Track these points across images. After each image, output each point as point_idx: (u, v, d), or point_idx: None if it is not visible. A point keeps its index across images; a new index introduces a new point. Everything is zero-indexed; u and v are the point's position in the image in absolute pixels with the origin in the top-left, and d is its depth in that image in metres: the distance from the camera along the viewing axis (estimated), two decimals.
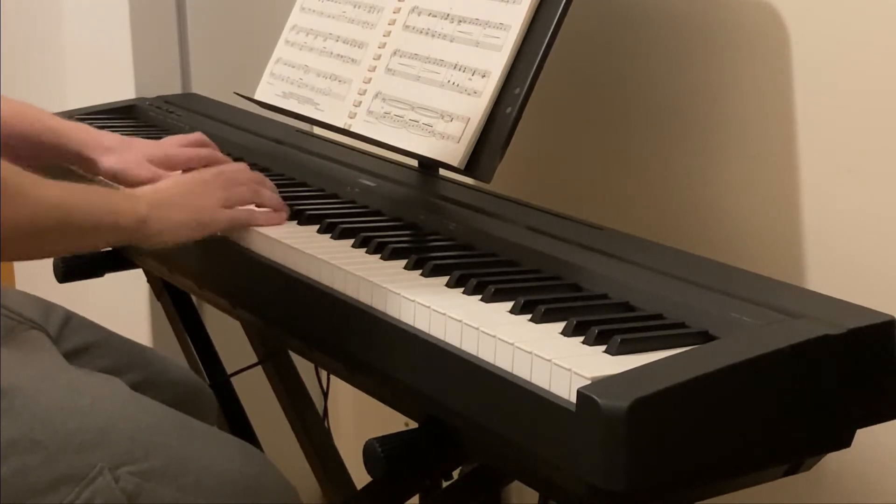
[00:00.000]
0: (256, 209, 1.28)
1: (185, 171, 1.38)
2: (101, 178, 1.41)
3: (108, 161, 1.39)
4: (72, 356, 1.34)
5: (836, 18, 1.31)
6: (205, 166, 1.38)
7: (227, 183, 1.28)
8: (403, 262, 1.14)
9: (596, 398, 0.82)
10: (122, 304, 2.04)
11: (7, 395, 1.11)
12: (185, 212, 1.22)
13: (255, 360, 1.76)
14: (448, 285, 1.09)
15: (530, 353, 0.91)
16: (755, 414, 0.89)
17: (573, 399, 0.85)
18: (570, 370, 0.87)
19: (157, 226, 1.18)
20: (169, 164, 1.40)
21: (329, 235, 1.24)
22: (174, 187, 1.26)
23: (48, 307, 1.39)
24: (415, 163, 1.43)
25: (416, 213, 1.29)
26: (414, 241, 1.23)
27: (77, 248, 1.18)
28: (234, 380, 1.77)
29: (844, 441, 0.95)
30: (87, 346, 1.39)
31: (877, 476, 1.33)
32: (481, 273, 1.09)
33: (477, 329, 0.96)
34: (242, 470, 1.17)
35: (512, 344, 0.93)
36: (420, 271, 1.12)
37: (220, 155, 1.42)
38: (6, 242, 1.06)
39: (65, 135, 1.40)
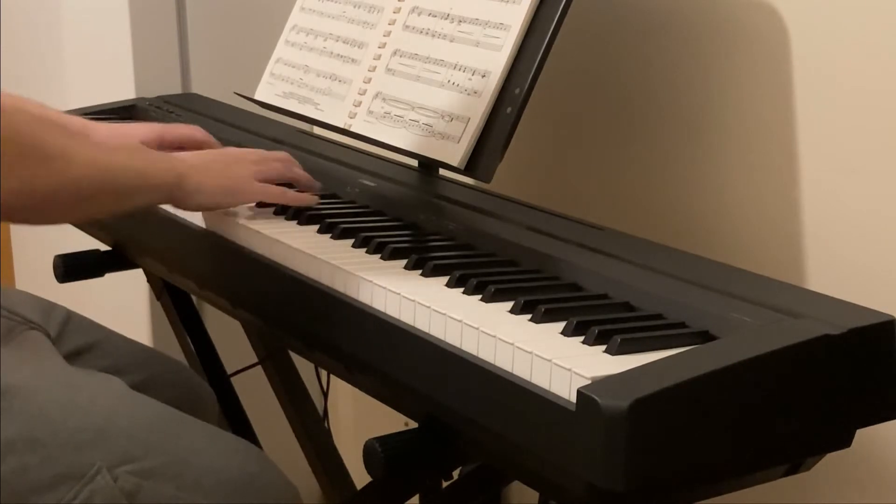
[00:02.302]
0: (287, 189, 1.30)
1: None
2: None
3: None
4: (72, 356, 1.34)
5: (836, 18, 1.31)
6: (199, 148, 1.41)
7: (261, 158, 1.30)
8: (403, 262, 1.14)
9: (596, 398, 0.82)
10: (122, 304, 2.04)
11: (6, 394, 1.11)
12: (219, 176, 1.24)
13: (255, 360, 1.76)
14: (448, 285, 1.09)
15: (530, 353, 0.91)
16: (755, 414, 0.89)
17: (573, 399, 0.85)
18: (570, 370, 0.87)
19: (193, 184, 1.20)
20: (162, 142, 1.42)
21: (329, 235, 1.24)
22: (208, 155, 1.30)
23: (49, 307, 1.39)
24: (415, 163, 1.43)
25: (416, 213, 1.29)
26: (414, 241, 1.23)
27: (119, 208, 1.20)
28: (234, 380, 1.77)
29: (844, 441, 0.95)
30: (88, 346, 1.39)
31: (877, 476, 1.33)
32: (481, 273, 1.09)
33: (477, 329, 0.96)
34: (242, 468, 1.17)
35: (512, 344, 0.93)
36: (420, 271, 1.12)
37: (214, 140, 1.44)
38: (52, 204, 1.08)
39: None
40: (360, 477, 1.35)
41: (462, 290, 1.07)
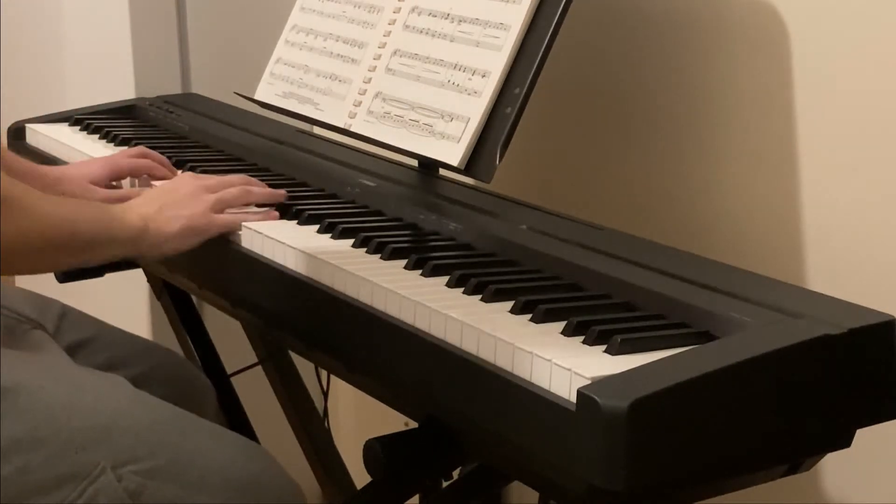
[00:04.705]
0: (249, 211, 1.29)
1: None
2: None
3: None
4: (70, 351, 1.34)
5: (837, 18, 1.31)
6: (151, 174, 1.43)
7: (217, 184, 1.29)
8: (403, 262, 1.14)
9: (596, 398, 0.82)
10: (122, 304, 2.04)
11: (10, 392, 1.11)
12: (178, 221, 1.23)
13: (255, 360, 1.76)
14: (448, 285, 1.09)
15: (530, 352, 0.91)
16: (755, 414, 0.89)
17: (573, 399, 0.85)
18: (570, 370, 0.87)
19: (153, 237, 1.21)
20: (113, 174, 1.43)
21: (329, 235, 1.24)
22: (162, 196, 1.26)
23: (44, 303, 1.38)
24: (415, 163, 1.43)
25: (416, 213, 1.29)
26: (414, 241, 1.23)
27: (80, 261, 1.22)
28: (234, 380, 1.76)
29: (844, 441, 0.95)
30: (86, 340, 1.39)
31: (877, 476, 1.33)
32: (481, 273, 1.09)
33: (477, 329, 0.96)
34: (246, 467, 1.17)
35: (512, 344, 0.93)
36: (420, 271, 1.12)
37: (161, 168, 1.45)
38: (16, 256, 1.10)
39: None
40: (360, 477, 1.35)
41: (462, 290, 1.07)
